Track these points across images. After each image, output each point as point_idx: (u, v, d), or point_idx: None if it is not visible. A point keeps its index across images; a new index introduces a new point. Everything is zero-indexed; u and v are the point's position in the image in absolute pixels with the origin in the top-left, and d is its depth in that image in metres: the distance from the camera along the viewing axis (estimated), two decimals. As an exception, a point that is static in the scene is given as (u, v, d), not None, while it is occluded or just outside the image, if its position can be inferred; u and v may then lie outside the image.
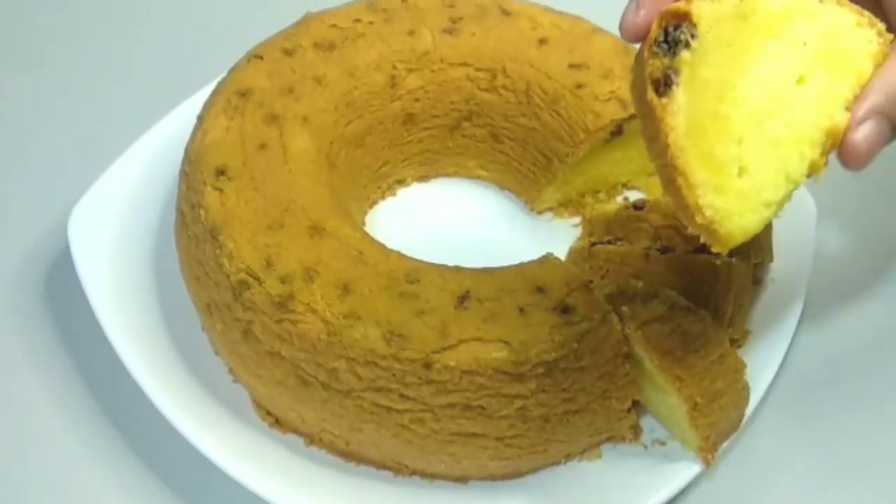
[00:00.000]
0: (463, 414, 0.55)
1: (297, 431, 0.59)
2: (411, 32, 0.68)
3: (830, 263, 0.67)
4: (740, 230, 0.45)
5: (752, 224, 0.45)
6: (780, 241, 0.64)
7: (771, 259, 0.64)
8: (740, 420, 0.58)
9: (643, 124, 0.46)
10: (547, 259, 0.60)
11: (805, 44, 0.46)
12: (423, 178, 0.72)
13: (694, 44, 0.45)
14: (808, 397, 0.62)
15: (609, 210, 0.65)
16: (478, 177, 0.71)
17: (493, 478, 0.58)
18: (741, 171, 0.45)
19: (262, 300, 0.56)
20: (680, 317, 0.57)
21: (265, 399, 0.59)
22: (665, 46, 0.45)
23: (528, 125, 0.68)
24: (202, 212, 0.60)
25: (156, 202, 0.68)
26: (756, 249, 0.62)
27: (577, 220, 0.69)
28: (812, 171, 0.46)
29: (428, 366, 0.54)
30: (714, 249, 0.45)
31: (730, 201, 0.44)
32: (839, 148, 0.47)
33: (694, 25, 0.46)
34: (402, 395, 0.55)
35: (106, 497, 0.59)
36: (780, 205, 0.46)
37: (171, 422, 0.57)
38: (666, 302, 0.57)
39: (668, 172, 0.44)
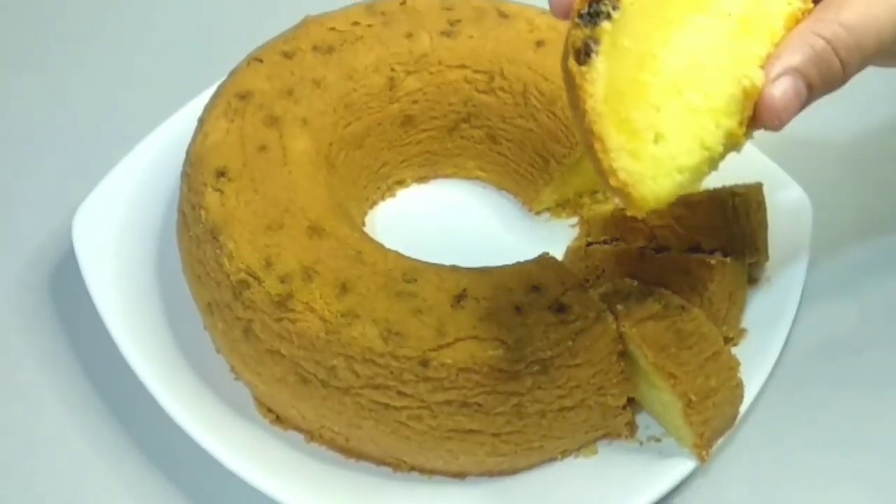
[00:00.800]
0: (460, 411, 0.55)
1: (297, 428, 0.59)
2: (409, 35, 0.68)
3: (826, 263, 0.67)
4: (653, 194, 0.46)
5: (665, 189, 0.46)
6: (775, 241, 0.64)
7: (766, 258, 0.64)
8: (735, 417, 0.58)
9: (567, 93, 0.47)
10: (543, 258, 0.60)
11: (729, 14, 0.47)
12: (421, 179, 0.71)
13: (616, 15, 0.46)
14: (803, 395, 0.62)
15: (606, 210, 0.65)
16: (476, 177, 0.71)
17: (491, 473, 0.58)
18: (657, 138, 0.46)
19: (262, 299, 0.56)
20: (674, 315, 0.57)
21: (266, 396, 0.59)
22: (587, 17, 0.46)
23: (525, 126, 0.68)
24: (203, 212, 0.60)
25: (158, 203, 0.68)
26: (751, 249, 0.62)
27: (575, 220, 0.69)
28: (731, 141, 0.47)
29: (425, 363, 0.54)
30: (629, 212, 0.46)
31: (644, 166, 0.45)
32: (757, 108, 0.47)
33: None
34: (399, 393, 0.55)
35: (110, 492, 0.59)
36: (697, 172, 0.47)
37: (174, 419, 0.57)
38: (661, 300, 0.57)
39: (588, 137, 0.45)
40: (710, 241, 0.62)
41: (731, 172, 0.65)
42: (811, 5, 0.49)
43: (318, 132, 0.64)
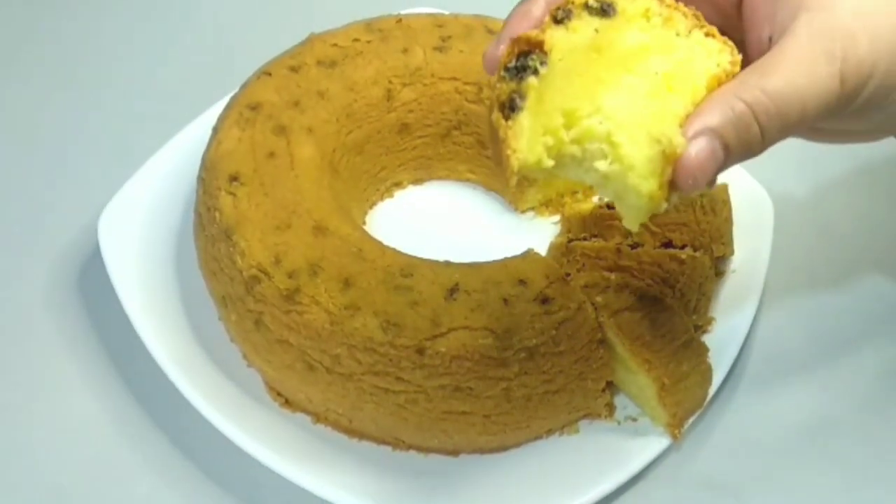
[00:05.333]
0: (453, 394, 0.54)
1: (304, 411, 0.58)
2: (405, 50, 0.67)
3: (786, 255, 0.66)
4: None
5: None
6: (740, 236, 0.64)
7: (732, 252, 0.63)
8: (704, 398, 0.57)
9: (490, 142, 0.43)
10: (528, 254, 0.59)
11: (656, 73, 0.43)
12: (417, 181, 0.71)
13: (543, 70, 0.42)
14: (766, 377, 0.62)
15: (585, 209, 0.65)
16: (467, 179, 0.71)
17: (482, 451, 0.57)
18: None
19: (272, 293, 0.56)
20: (649, 306, 0.56)
21: (276, 382, 0.59)
22: (514, 71, 0.42)
23: (511, 133, 0.67)
24: (217, 214, 0.59)
25: (177, 205, 0.67)
26: (718, 244, 0.62)
27: (557, 218, 0.68)
28: (652, 203, 0.42)
29: (421, 352, 0.54)
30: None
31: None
32: (673, 168, 0.42)
33: (545, 53, 0.43)
34: (398, 378, 0.54)
35: (133, 471, 0.58)
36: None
37: (191, 403, 0.57)
38: (636, 293, 0.57)
39: (507, 180, 0.42)
40: (680, 237, 0.61)
41: None
42: (738, 69, 0.44)
43: (323, 140, 0.64)
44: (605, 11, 0.44)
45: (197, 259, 0.63)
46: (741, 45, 0.46)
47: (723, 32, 0.46)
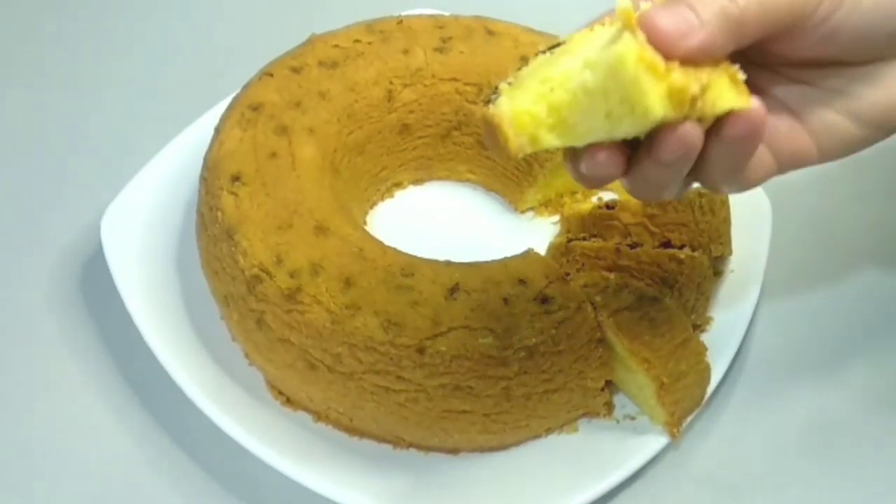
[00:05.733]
0: (453, 393, 0.54)
1: (306, 409, 0.58)
2: (406, 51, 0.67)
3: (784, 255, 0.66)
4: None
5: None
6: (738, 236, 0.64)
7: (730, 252, 0.63)
8: (702, 397, 0.57)
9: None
10: (528, 254, 0.59)
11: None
12: (417, 182, 0.71)
13: (511, 79, 0.43)
14: (763, 376, 0.62)
15: (584, 209, 0.64)
16: (467, 180, 0.71)
17: (482, 449, 0.57)
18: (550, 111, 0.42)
19: (273, 292, 0.56)
20: (647, 305, 0.56)
21: (277, 380, 0.58)
22: (489, 98, 0.44)
23: (511, 133, 0.67)
24: (219, 214, 0.59)
25: (179, 205, 0.67)
26: (716, 244, 0.62)
27: (556, 218, 0.68)
28: (642, 61, 0.39)
29: (421, 351, 0.53)
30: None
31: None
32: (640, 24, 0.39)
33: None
34: (398, 377, 0.54)
35: (135, 469, 0.58)
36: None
37: (193, 401, 0.57)
38: (635, 292, 0.57)
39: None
40: (679, 237, 0.61)
41: None
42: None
43: (324, 140, 0.64)
44: (552, 48, 0.44)
45: (199, 258, 0.62)
46: None
47: None
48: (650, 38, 0.39)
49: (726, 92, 0.42)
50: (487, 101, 0.43)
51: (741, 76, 0.42)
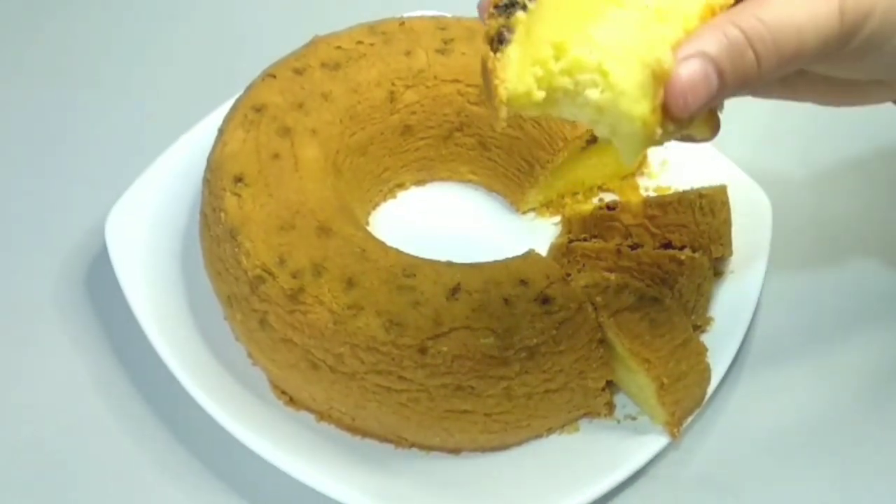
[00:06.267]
0: (455, 393, 0.54)
1: (308, 409, 0.58)
2: (408, 53, 0.67)
3: (784, 256, 0.66)
4: None
5: None
6: (738, 237, 0.63)
7: (730, 253, 0.63)
8: (703, 397, 0.57)
9: (482, 77, 0.42)
10: (529, 254, 0.59)
11: (647, 6, 0.42)
12: (419, 183, 0.70)
13: (531, 6, 0.42)
14: (764, 377, 0.62)
15: (585, 210, 0.64)
16: (468, 181, 0.70)
17: (483, 449, 0.57)
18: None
19: (276, 293, 0.56)
20: (648, 306, 0.56)
21: (280, 380, 0.58)
22: (503, 8, 0.42)
23: (512, 135, 0.67)
24: (222, 214, 0.59)
25: (183, 206, 0.67)
26: (717, 245, 0.62)
27: (557, 219, 0.68)
28: (646, 130, 0.40)
29: (423, 351, 0.53)
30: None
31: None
32: (665, 91, 0.40)
33: None
34: (400, 377, 0.54)
35: (139, 468, 0.58)
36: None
37: (197, 401, 0.57)
38: (635, 293, 0.56)
39: (494, 116, 0.41)
40: (679, 238, 0.61)
41: (699, 176, 0.66)
42: (731, 2, 0.43)
43: (326, 141, 0.63)
44: None
45: (202, 259, 0.62)
46: None
47: None
48: (668, 101, 0.40)
49: (701, 125, 0.43)
50: (500, 37, 0.41)
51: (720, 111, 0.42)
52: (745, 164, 0.68)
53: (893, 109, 0.57)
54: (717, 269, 0.63)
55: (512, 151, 0.67)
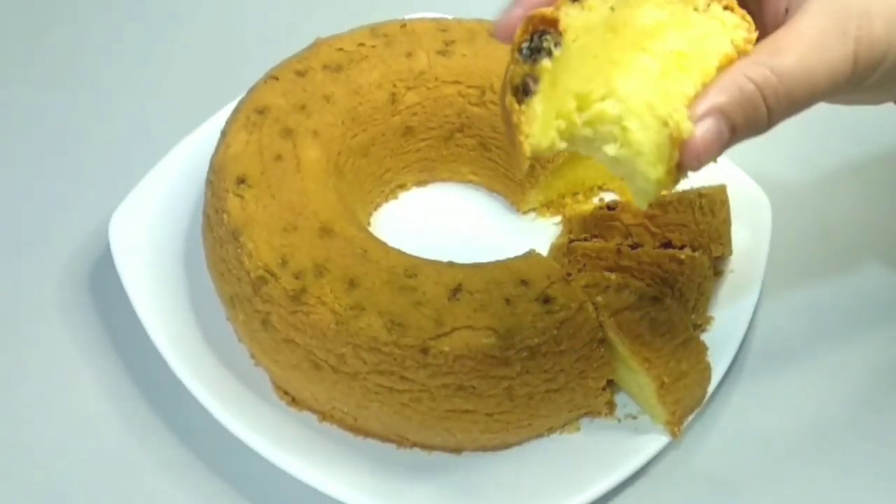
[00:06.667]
0: (456, 393, 0.54)
1: (311, 409, 0.58)
2: (409, 54, 0.67)
3: (784, 254, 0.66)
4: None
5: None
6: (738, 236, 0.63)
7: (730, 252, 0.63)
8: (703, 397, 0.57)
9: (504, 124, 0.42)
10: (530, 254, 0.59)
11: (670, 52, 0.42)
12: (421, 183, 0.70)
13: (557, 52, 0.40)
14: (764, 375, 0.61)
15: (586, 210, 0.64)
16: (469, 181, 0.70)
17: (485, 449, 0.57)
18: None
19: (279, 294, 0.55)
20: (648, 305, 0.56)
21: (282, 381, 0.58)
22: (528, 53, 0.41)
23: (513, 135, 0.67)
24: (225, 216, 0.59)
25: (185, 207, 0.67)
26: (717, 244, 0.61)
27: (558, 219, 0.68)
28: (659, 186, 0.41)
29: (425, 351, 0.53)
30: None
31: None
32: (679, 149, 0.41)
33: (560, 34, 0.41)
34: (402, 377, 0.54)
35: (141, 467, 0.58)
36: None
37: (199, 401, 0.57)
38: (636, 292, 0.56)
39: (519, 171, 0.42)
40: (679, 237, 0.61)
41: (698, 176, 0.65)
42: (752, 46, 0.43)
43: (328, 142, 0.63)
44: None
45: (205, 260, 0.62)
46: (759, 15, 0.45)
47: (741, 3, 0.44)
48: (683, 159, 0.41)
49: None
50: (525, 87, 0.40)
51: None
52: (744, 164, 0.67)
53: (893, 110, 0.57)
54: (716, 268, 0.62)
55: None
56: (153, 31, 0.85)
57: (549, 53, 0.41)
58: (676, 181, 0.42)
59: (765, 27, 0.44)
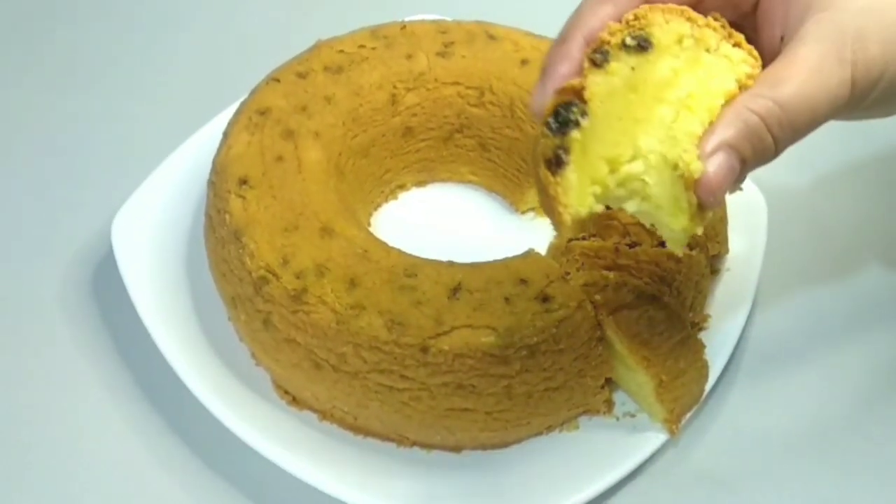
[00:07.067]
0: (456, 392, 0.54)
1: (311, 408, 0.58)
2: (409, 56, 0.67)
3: (780, 253, 0.66)
4: None
5: None
6: (734, 235, 0.63)
7: (727, 251, 0.63)
8: (701, 394, 0.57)
9: (539, 195, 0.44)
10: (529, 254, 0.59)
11: (684, 96, 0.43)
12: (420, 184, 0.70)
13: (584, 122, 0.42)
14: (761, 373, 0.62)
15: (584, 210, 0.64)
16: (469, 181, 0.70)
17: (484, 447, 0.57)
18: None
19: (280, 293, 0.55)
20: (646, 304, 0.56)
21: (283, 380, 0.58)
22: (556, 126, 0.42)
23: (512, 136, 0.67)
24: (227, 216, 0.59)
25: (188, 208, 0.67)
26: (713, 243, 0.62)
27: (557, 218, 0.68)
28: (685, 233, 0.43)
29: (425, 350, 0.53)
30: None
31: None
32: (694, 187, 0.42)
33: (585, 102, 0.42)
34: (402, 376, 0.54)
35: (141, 466, 0.58)
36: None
37: (201, 401, 0.57)
38: (634, 291, 0.56)
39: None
40: (677, 236, 0.61)
41: None
42: (752, 82, 0.44)
43: (329, 143, 0.63)
44: (642, 48, 0.44)
45: (207, 261, 0.62)
46: (755, 42, 0.46)
47: (740, 31, 0.45)
48: (699, 197, 0.42)
49: None
50: (557, 159, 0.41)
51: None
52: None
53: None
54: (713, 266, 0.63)
55: (511, 152, 0.67)
56: (156, 34, 0.85)
57: (577, 124, 0.42)
58: (703, 221, 0.43)
59: (762, 54, 0.45)
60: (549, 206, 0.43)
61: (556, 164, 0.42)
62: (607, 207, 0.44)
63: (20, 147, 0.75)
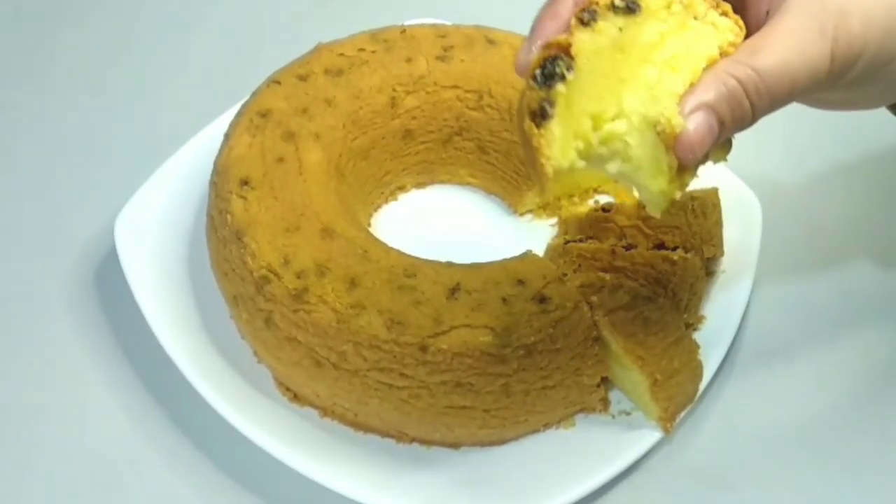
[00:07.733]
0: (454, 390, 0.54)
1: (312, 405, 0.58)
2: (409, 59, 0.67)
3: (774, 255, 0.66)
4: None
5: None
6: (729, 237, 0.63)
7: (721, 253, 0.63)
8: (695, 394, 0.57)
9: (523, 148, 0.43)
10: (527, 255, 0.59)
11: (668, 58, 0.44)
12: (420, 185, 0.70)
13: (570, 76, 0.42)
14: (755, 372, 0.62)
15: (581, 212, 0.65)
16: (468, 183, 0.70)
17: (482, 444, 0.57)
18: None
19: (281, 293, 0.56)
20: (642, 305, 0.56)
21: (284, 377, 0.58)
22: (542, 79, 0.42)
23: (510, 139, 0.67)
24: (229, 217, 0.59)
25: (190, 208, 0.67)
26: (708, 245, 0.62)
27: (554, 220, 0.68)
28: (664, 196, 0.43)
29: (424, 349, 0.53)
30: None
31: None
32: (673, 144, 0.42)
33: (571, 58, 0.42)
34: (401, 375, 0.54)
35: (145, 463, 0.58)
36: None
37: (204, 397, 0.57)
38: (630, 292, 0.56)
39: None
40: (672, 239, 0.61)
41: None
42: (733, 49, 0.44)
43: (330, 145, 0.63)
44: (630, 9, 0.44)
45: (209, 260, 0.62)
46: (743, 17, 0.46)
47: (735, 8, 0.46)
48: (679, 155, 0.42)
49: (716, 153, 0.47)
50: (542, 112, 0.41)
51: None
52: (735, 167, 0.67)
53: (881, 111, 0.57)
54: (708, 268, 0.63)
55: (510, 155, 0.68)
56: (158, 36, 0.85)
57: (563, 77, 0.42)
58: (683, 186, 0.43)
59: (748, 29, 0.46)
60: (532, 158, 0.42)
61: (540, 116, 0.42)
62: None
63: (24, 147, 0.76)
